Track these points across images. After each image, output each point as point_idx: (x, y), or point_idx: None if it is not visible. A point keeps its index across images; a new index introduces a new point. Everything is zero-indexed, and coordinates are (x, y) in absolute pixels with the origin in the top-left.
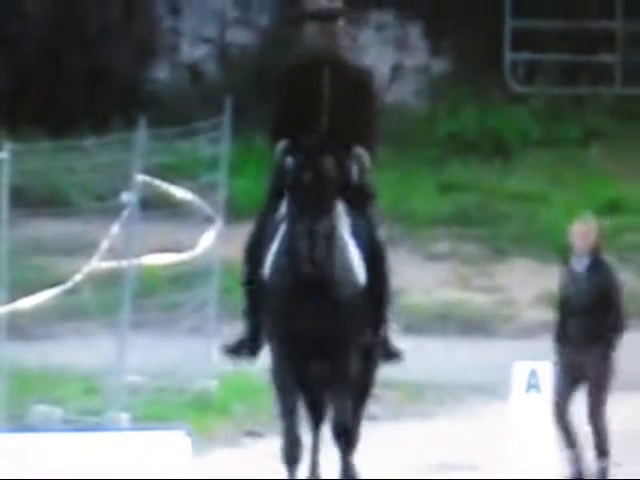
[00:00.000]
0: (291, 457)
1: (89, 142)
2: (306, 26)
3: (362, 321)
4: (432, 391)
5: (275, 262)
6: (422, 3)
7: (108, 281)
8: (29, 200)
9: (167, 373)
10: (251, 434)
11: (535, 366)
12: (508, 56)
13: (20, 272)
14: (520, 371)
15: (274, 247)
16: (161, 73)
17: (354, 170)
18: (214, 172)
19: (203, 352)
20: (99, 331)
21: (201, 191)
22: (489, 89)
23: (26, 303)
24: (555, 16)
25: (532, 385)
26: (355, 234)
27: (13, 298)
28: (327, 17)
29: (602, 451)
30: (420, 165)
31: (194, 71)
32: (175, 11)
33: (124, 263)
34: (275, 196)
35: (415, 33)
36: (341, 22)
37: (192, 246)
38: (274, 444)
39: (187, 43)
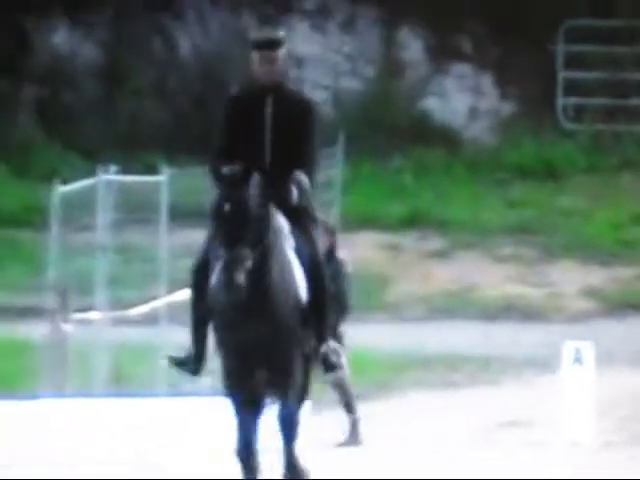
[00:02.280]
0: (245, 453)
1: None
2: (251, 55)
3: (303, 335)
4: (498, 364)
5: (216, 284)
6: (493, 57)
7: None
8: (182, 214)
9: None
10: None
11: (579, 345)
12: (560, 100)
13: (175, 271)
14: (567, 349)
15: (216, 270)
16: None
17: (295, 193)
18: (329, 191)
19: None
20: None
21: (319, 207)
22: (545, 127)
23: (181, 296)
24: (598, 68)
25: (577, 360)
26: (298, 252)
27: (170, 292)
28: (267, 46)
29: None
30: (491, 186)
31: None
32: (299, 64)
33: None
34: (216, 224)
35: (487, 82)
36: (281, 51)
37: None
38: (373, 406)
39: (308, 89)
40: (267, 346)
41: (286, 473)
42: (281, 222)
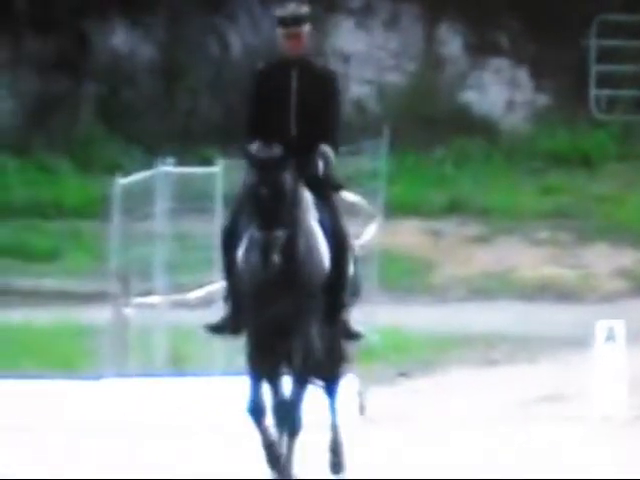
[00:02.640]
0: (256, 412)
1: None
2: (276, 30)
3: (325, 302)
4: (535, 343)
5: (245, 255)
6: (528, 52)
7: None
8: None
9: None
10: (401, 375)
11: (612, 324)
12: (593, 92)
13: None
14: (600, 328)
15: (244, 242)
16: None
17: (320, 165)
18: (375, 181)
19: (367, 313)
20: None
21: (365, 196)
22: (578, 117)
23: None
24: (629, 62)
25: (609, 338)
26: (321, 224)
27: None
28: (292, 22)
29: None
30: (527, 174)
31: (359, 105)
32: (345, 61)
33: None
34: (246, 197)
35: (523, 75)
36: (306, 27)
37: (359, 236)
38: (418, 383)
39: (354, 84)
40: (291, 318)
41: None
42: (306, 196)
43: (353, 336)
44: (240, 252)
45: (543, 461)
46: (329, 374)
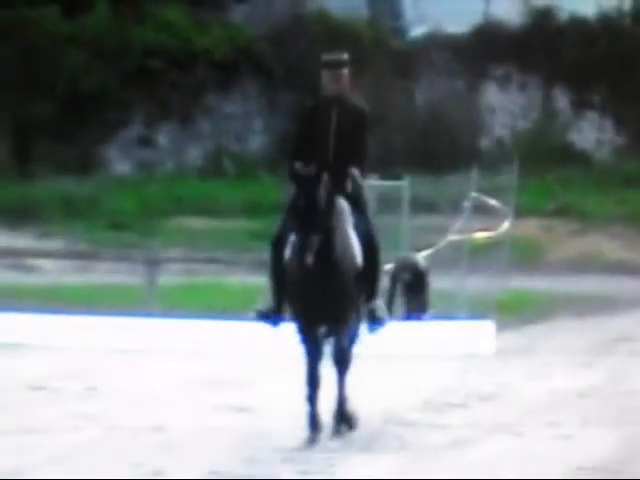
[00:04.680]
0: (311, 387)
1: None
2: (321, 73)
3: (358, 294)
4: (613, 302)
5: (290, 258)
6: (612, 107)
7: (456, 246)
8: (416, 206)
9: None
10: (522, 322)
11: None
12: None
13: (413, 242)
14: None
15: (291, 243)
16: (483, 142)
17: (349, 186)
18: (509, 193)
19: (503, 281)
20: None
21: (502, 202)
22: None
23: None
24: None
25: None
26: (356, 228)
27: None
28: (335, 65)
29: None
30: (610, 191)
31: (499, 142)
32: (492, 111)
33: (465, 237)
34: (294, 206)
35: (608, 123)
36: (345, 69)
37: (495, 229)
38: (537, 328)
39: (497, 127)
40: (330, 304)
41: (336, 406)
42: (343, 205)
43: (378, 322)
44: (287, 252)
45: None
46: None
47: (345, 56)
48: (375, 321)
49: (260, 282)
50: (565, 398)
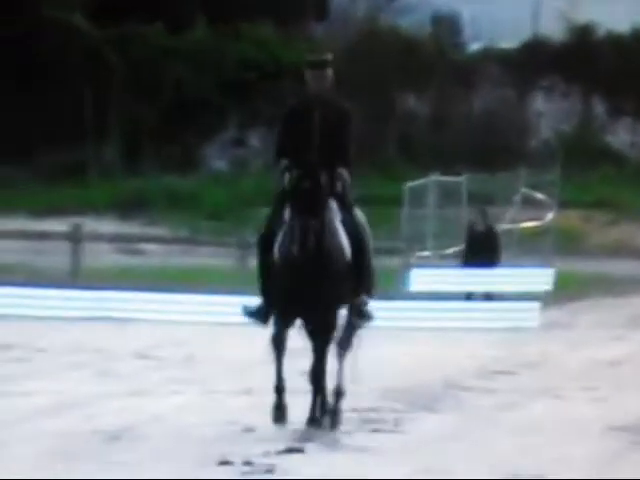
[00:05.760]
0: (277, 401)
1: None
2: (304, 72)
3: (346, 287)
4: None
5: (280, 249)
6: None
7: (508, 234)
8: (473, 199)
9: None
10: (564, 299)
11: None
12: None
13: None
14: None
15: (279, 239)
16: (531, 143)
17: (338, 185)
18: (553, 187)
19: (549, 264)
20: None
21: (547, 195)
22: None
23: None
24: None
25: None
26: (344, 224)
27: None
28: (318, 65)
29: None
30: None
31: (546, 143)
32: (540, 116)
33: (515, 226)
34: (279, 203)
35: None
36: (329, 69)
37: (542, 219)
38: (582, 304)
39: (544, 130)
40: (317, 290)
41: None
42: (332, 203)
43: (365, 316)
44: (275, 247)
45: None
46: (344, 343)
47: (329, 56)
48: (362, 316)
49: None
50: (601, 366)
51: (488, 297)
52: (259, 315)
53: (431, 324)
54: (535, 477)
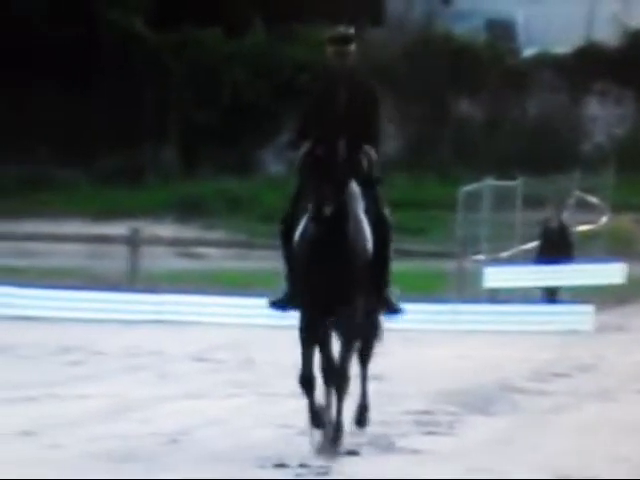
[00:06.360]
0: (307, 384)
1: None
2: (326, 49)
3: (368, 280)
4: None
5: (300, 237)
6: None
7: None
8: (529, 202)
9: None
10: (617, 303)
11: None
12: None
13: (524, 231)
14: None
15: (300, 228)
16: (584, 147)
17: (364, 163)
18: (606, 190)
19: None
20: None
21: (600, 199)
22: None
23: (528, 246)
24: None
25: None
26: (367, 212)
27: (522, 243)
28: (340, 41)
29: None
30: None
31: (598, 146)
32: (594, 121)
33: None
34: (299, 192)
35: None
36: (352, 46)
37: (595, 222)
38: (631, 309)
39: (597, 134)
40: (339, 288)
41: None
42: (354, 187)
43: (395, 311)
44: (296, 235)
45: None
46: (364, 344)
47: (351, 31)
48: (391, 309)
49: (395, 267)
50: None
51: (552, 299)
52: (281, 302)
53: (487, 327)
54: (589, 478)
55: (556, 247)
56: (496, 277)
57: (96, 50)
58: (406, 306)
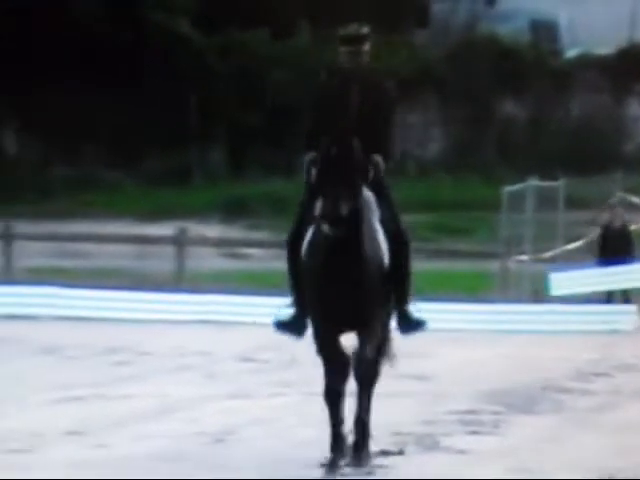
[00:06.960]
0: (332, 397)
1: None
2: (338, 47)
3: (385, 296)
4: None
5: (308, 248)
6: None
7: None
8: (570, 203)
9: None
10: None
11: None
12: None
13: (566, 232)
14: None
15: (308, 238)
16: (627, 147)
17: (370, 173)
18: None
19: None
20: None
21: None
22: None
23: (570, 246)
24: None
25: None
26: (382, 223)
27: (564, 244)
28: (354, 41)
29: None
30: None
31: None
32: (635, 121)
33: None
34: (308, 199)
35: None
36: (366, 45)
37: (638, 223)
38: None
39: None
40: (354, 305)
41: (355, 424)
42: (368, 195)
43: (412, 325)
44: (305, 247)
45: None
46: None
47: (365, 29)
48: (409, 324)
49: (440, 267)
50: None
51: (627, 300)
52: (293, 326)
53: (530, 327)
54: (632, 478)
55: (618, 248)
56: (562, 284)
57: (143, 52)
58: (451, 306)
